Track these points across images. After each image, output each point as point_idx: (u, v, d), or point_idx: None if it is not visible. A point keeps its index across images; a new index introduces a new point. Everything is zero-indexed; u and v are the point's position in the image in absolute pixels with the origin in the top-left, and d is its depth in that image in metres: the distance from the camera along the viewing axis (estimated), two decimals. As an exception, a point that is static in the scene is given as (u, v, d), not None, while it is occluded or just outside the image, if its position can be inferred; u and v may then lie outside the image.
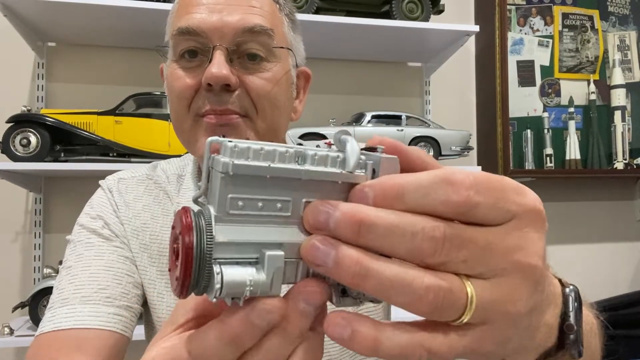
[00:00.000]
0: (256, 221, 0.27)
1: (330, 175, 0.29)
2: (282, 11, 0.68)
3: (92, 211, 0.71)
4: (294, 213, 0.28)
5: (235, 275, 0.26)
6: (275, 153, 0.28)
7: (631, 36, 2.15)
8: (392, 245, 0.25)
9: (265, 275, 0.26)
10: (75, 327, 0.61)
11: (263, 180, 0.27)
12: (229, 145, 0.27)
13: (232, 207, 0.27)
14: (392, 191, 0.26)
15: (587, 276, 2.07)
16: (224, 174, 0.26)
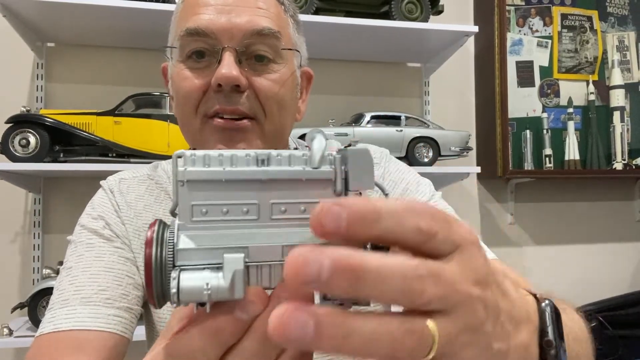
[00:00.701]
0: (223, 226, 0.27)
1: (292, 173, 0.28)
2: (287, 12, 0.68)
3: (93, 212, 0.71)
4: (262, 216, 0.28)
5: (192, 280, 0.26)
6: (235, 158, 0.28)
7: (630, 37, 2.16)
8: (384, 292, 0.23)
9: (225, 279, 0.26)
10: (75, 329, 0.61)
11: (221, 185, 0.27)
12: (187, 154, 0.28)
13: (196, 214, 0.27)
14: (369, 215, 0.24)
15: (587, 276, 2.07)
16: (182, 182, 0.27)
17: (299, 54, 0.69)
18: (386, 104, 1.91)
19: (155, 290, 0.26)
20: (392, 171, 0.74)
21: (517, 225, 2.04)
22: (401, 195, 0.71)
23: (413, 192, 0.71)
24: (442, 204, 0.71)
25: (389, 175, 0.73)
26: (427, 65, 1.94)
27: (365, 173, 0.29)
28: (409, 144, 1.63)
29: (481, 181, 2.02)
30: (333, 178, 0.29)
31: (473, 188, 2.01)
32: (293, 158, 0.29)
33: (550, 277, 2.05)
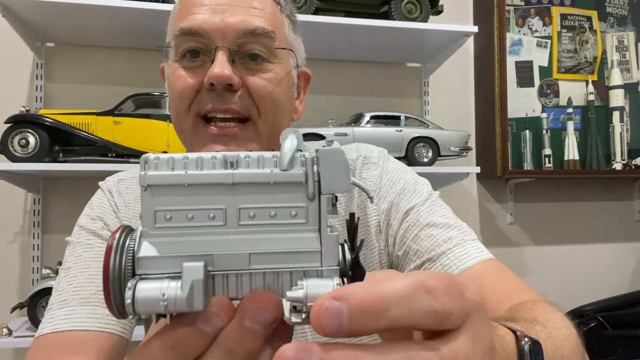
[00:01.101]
0: (188, 233, 0.26)
1: (259, 176, 0.27)
2: (282, 12, 0.68)
3: (92, 212, 0.71)
4: (229, 222, 0.26)
5: (148, 290, 0.24)
6: (200, 160, 0.26)
7: (629, 37, 2.16)
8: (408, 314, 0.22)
9: (182, 288, 0.24)
10: (74, 329, 0.61)
11: (184, 189, 0.26)
12: (150, 157, 0.26)
13: (159, 221, 0.26)
14: (375, 306, 0.22)
15: (586, 276, 2.07)
16: (144, 187, 0.26)
17: (294, 54, 0.69)
18: (386, 104, 1.91)
19: (113, 301, 0.25)
20: (390, 171, 0.74)
21: (516, 225, 2.04)
22: (398, 195, 0.71)
23: (411, 191, 0.71)
24: (439, 203, 0.71)
25: (387, 174, 0.73)
26: (427, 66, 1.94)
27: (339, 174, 0.27)
28: (409, 144, 1.63)
29: (481, 181, 2.02)
30: (304, 180, 0.27)
31: (472, 188, 2.01)
32: (262, 160, 0.27)
33: (550, 277, 2.05)
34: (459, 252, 0.63)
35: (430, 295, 0.23)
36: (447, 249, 0.64)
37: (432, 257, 0.64)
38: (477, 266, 0.62)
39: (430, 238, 0.65)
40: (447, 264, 0.63)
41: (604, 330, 1.76)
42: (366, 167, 0.74)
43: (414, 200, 0.70)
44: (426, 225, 0.67)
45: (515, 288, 0.59)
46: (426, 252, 0.65)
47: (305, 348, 0.21)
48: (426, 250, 0.65)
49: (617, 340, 1.76)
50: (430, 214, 0.68)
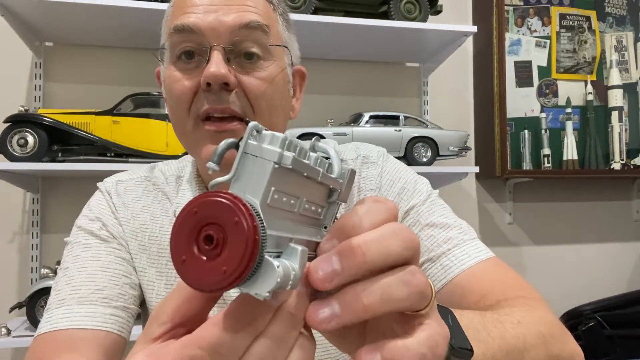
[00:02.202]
0: (280, 215, 0.27)
1: (330, 180, 0.31)
2: (276, 11, 0.68)
3: (90, 213, 0.72)
4: (297, 209, 0.29)
5: (285, 269, 0.25)
6: (306, 151, 0.29)
7: (628, 37, 2.16)
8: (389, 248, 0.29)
9: (299, 270, 0.26)
10: (72, 328, 0.61)
11: (299, 177, 0.27)
12: (279, 135, 0.26)
13: (271, 199, 0.26)
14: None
15: (584, 276, 2.08)
16: (277, 165, 0.25)
17: (289, 51, 0.69)
18: (385, 103, 1.91)
19: (250, 272, 0.24)
20: (389, 170, 0.74)
21: (515, 225, 2.05)
22: (398, 195, 0.71)
23: (410, 191, 0.71)
24: (439, 202, 0.71)
25: (387, 174, 0.73)
26: (426, 65, 1.94)
27: (350, 190, 0.34)
28: (408, 144, 1.63)
29: (480, 181, 2.02)
30: (339, 189, 0.32)
31: (471, 188, 2.02)
32: (325, 163, 0.31)
33: (548, 276, 2.05)
34: (459, 253, 0.64)
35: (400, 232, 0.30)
36: (447, 250, 0.64)
37: (432, 257, 0.65)
38: (477, 266, 0.62)
39: (431, 238, 0.66)
40: (447, 265, 0.63)
41: (603, 329, 1.77)
42: (366, 166, 0.74)
43: (414, 200, 0.70)
44: (426, 225, 0.67)
45: (510, 286, 0.59)
46: (426, 252, 0.65)
47: None
48: (426, 251, 0.65)
49: (616, 339, 1.76)
50: (430, 214, 0.68)
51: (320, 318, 0.27)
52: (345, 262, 0.27)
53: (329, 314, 0.27)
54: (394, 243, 0.29)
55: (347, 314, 0.27)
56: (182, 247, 0.25)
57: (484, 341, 0.40)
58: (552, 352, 0.47)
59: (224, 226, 0.24)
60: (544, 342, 0.47)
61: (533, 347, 0.45)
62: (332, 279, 0.27)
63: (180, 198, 0.72)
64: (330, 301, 0.28)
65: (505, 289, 0.58)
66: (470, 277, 0.61)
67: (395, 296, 0.28)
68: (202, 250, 0.24)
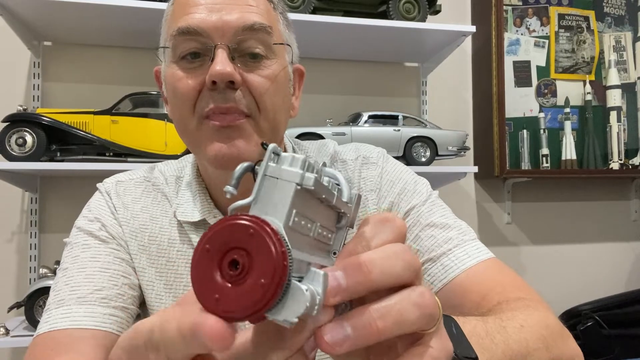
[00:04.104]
0: (299, 239, 0.26)
1: (343, 205, 0.31)
2: (276, 10, 0.68)
3: (90, 214, 0.71)
4: (313, 234, 0.28)
5: (312, 293, 0.24)
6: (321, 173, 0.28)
7: (627, 37, 2.16)
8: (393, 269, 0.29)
9: (322, 294, 0.25)
10: (71, 328, 0.61)
11: (316, 201, 0.27)
12: (299, 157, 0.26)
13: (293, 222, 0.25)
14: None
15: (583, 276, 2.08)
16: (299, 187, 0.25)
17: (290, 49, 0.69)
18: (384, 103, 1.91)
19: (279, 299, 0.23)
20: (389, 171, 0.74)
21: (514, 224, 2.05)
22: (398, 196, 0.71)
23: (411, 191, 0.71)
24: (439, 203, 0.72)
25: (387, 174, 0.74)
26: (425, 65, 1.94)
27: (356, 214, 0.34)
28: (407, 144, 1.63)
29: (478, 181, 2.02)
30: (349, 214, 0.32)
31: (470, 188, 2.02)
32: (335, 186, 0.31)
33: (547, 276, 2.05)
34: (459, 253, 0.64)
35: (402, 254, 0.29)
36: (447, 250, 0.64)
37: (432, 257, 0.65)
38: (476, 266, 0.63)
39: (431, 238, 0.66)
40: (448, 265, 0.63)
41: (601, 329, 1.77)
42: (366, 167, 0.74)
43: (414, 200, 0.70)
44: (426, 225, 0.67)
45: (510, 287, 0.60)
46: (426, 252, 0.65)
47: None
48: (426, 251, 0.65)
49: (614, 339, 1.76)
50: (430, 214, 0.68)
51: (332, 341, 0.26)
52: (350, 278, 0.27)
53: (341, 336, 0.26)
54: (398, 264, 0.29)
55: (360, 337, 0.27)
56: (206, 273, 0.24)
57: (488, 348, 0.40)
58: (554, 354, 0.48)
59: (250, 251, 0.23)
60: (546, 345, 0.47)
61: (535, 351, 0.45)
62: (336, 294, 0.27)
63: (180, 199, 0.72)
64: (342, 323, 0.27)
65: (505, 290, 0.58)
66: (471, 277, 0.62)
67: (407, 319, 0.28)
68: (225, 276, 0.23)
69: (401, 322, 0.28)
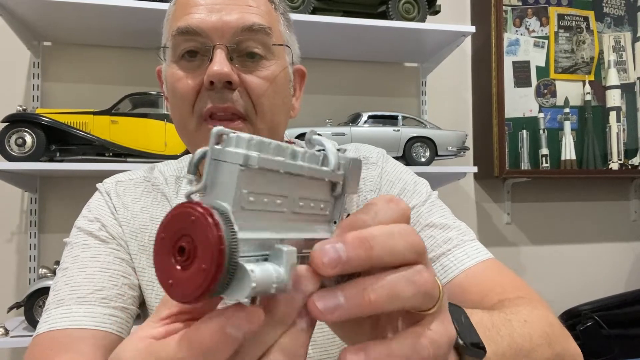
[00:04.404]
0: (262, 217, 0.27)
1: (324, 173, 0.30)
2: (277, 10, 0.69)
3: (90, 214, 0.71)
4: (288, 209, 0.28)
5: (264, 272, 0.24)
6: (283, 148, 0.28)
7: (626, 37, 2.16)
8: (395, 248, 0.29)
9: (284, 272, 0.25)
10: (71, 328, 0.61)
11: (276, 176, 0.27)
12: (244, 137, 0.26)
13: (246, 202, 0.25)
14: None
15: (583, 276, 2.08)
16: (243, 167, 0.25)
17: (290, 50, 0.69)
18: (383, 103, 1.91)
19: (222, 281, 0.23)
20: (389, 171, 0.74)
21: (513, 225, 2.05)
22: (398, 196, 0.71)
23: (410, 192, 0.71)
24: (438, 204, 0.72)
25: (387, 175, 0.74)
26: (424, 65, 1.94)
27: (357, 180, 0.33)
28: (406, 144, 1.63)
29: (478, 181, 2.02)
30: (341, 182, 0.31)
31: (470, 188, 2.02)
32: (316, 157, 0.30)
33: (546, 276, 2.05)
34: (459, 253, 0.64)
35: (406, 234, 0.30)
36: (446, 250, 0.64)
37: (432, 257, 0.65)
38: (476, 267, 0.63)
39: (430, 239, 0.66)
40: (447, 265, 0.63)
41: (601, 329, 1.77)
42: (365, 167, 0.74)
43: (414, 200, 0.70)
44: (426, 225, 0.67)
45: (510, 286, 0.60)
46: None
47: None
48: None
49: (613, 339, 1.77)
50: (430, 214, 0.68)
51: (323, 308, 0.27)
52: (351, 251, 0.27)
53: (332, 304, 0.27)
54: (400, 243, 0.29)
55: (352, 307, 0.27)
56: (162, 259, 0.25)
57: (494, 340, 0.40)
58: (556, 351, 0.48)
59: (193, 237, 0.24)
60: (549, 342, 0.48)
61: (539, 347, 0.46)
62: (335, 266, 0.27)
63: (181, 198, 0.72)
64: (335, 291, 0.27)
65: (505, 290, 0.58)
66: (470, 277, 0.62)
67: (401, 294, 0.28)
68: (177, 262, 0.25)
69: (394, 297, 0.28)
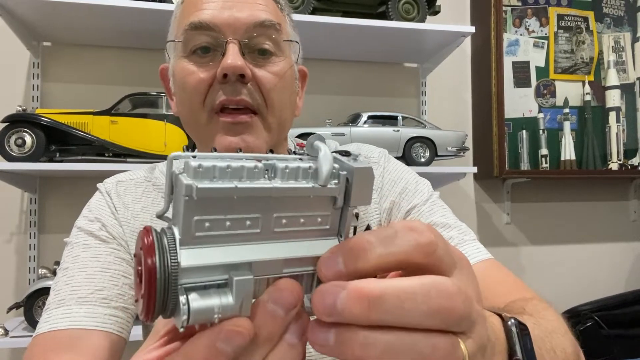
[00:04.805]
0: (224, 241, 0.26)
1: (301, 190, 0.27)
2: (283, 11, 0.70)
3: (90, 214, 0.72)
4: (264, 229, 0.27)
5: (203, 303, 0.24)
6: (243, 170, 0.26)
7: (626, 37, 2.17)
8: (407, 313, 0.24)
9: (234, 300, 0.25)
10: (71, 328, 0.61)
11: (230, 201, 0.26)
12: (192, 164, 0.25)
13: (198, 229, 0.25)
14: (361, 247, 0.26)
15: (582, 276, 2.08)
16: (187, 197, 0.24)
17: (298, 46, 0.71)
18: (383, 104, 1.91)
19: (159, 306, 0.24)
20: (391, 170, 0.75)
21: (513, 225, 2.05)
22: (399, 195, 0.71)
23: (412, 191, 0.72)
24: (440, 204, 0.72)
25: (389, 174, 0.74)
26: (424, 66, 1.94)
27: (366, 191, 0.29)
28: (406, 144, 1.63)
29: (478, 181, 2.02)
30: (337, 195, 0.29)
31: (469, 188, 2.02)
32: (300, 171, 0.27)
33: (546, 276, 2.05)
34: None
35: (414, 232, 0.26)
36: None
37: None
38: (476, 266, 0.63)
39: None
40: None
41: (600, 329, 1.77)
42: None
43: (415, 200, 0.70)
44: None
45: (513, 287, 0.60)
46: None
47: None
48: None
49: (613, 339, 1.77)
50: (430, 214, 0.69)
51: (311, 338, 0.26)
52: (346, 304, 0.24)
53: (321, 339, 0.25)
54: (420, 308, 0.24)
55: (337, 350, 0.25)
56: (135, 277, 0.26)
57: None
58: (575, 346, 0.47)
59: (142, 262, 0.25)
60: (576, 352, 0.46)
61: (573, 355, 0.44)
62: (330, 315, 0.25)
63: None
64: (328, 329, 0.25)
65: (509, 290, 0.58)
66: None
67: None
68: (137, 284, 0.26)
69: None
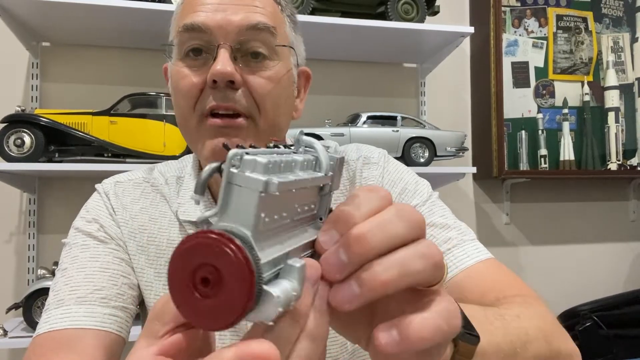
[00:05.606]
0: (274, 234, 0.27)
1: (320, 180, 0.31)
2: (283, 12, 0.69)
3: (88, 215, 0.71)
4: (290, 216, 0.29)
5: (285, 293, 0.25)
6: (289, 163, 0.28)
7: (625, 38, 2.17)
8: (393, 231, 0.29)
9: (299, 287, 0.26)
10: (71, 328, 0.61)
11: (286, 194, 0.27)
12: (261, 161, 0.25)
13: (262, 225, 0.25)
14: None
15: (581, 276, 2.08)
16: (263, 193, 0.24)
17: (295, 52, 0.70)
18: (382, 104, 1.91)
19: (252, 304, 0.24)
20: (391, 171, 0.75)
21: (512, 225, 2.05)
22: (399, 196, 0.72)
23: (411, 192, 0.72)
24: (439, 204, 0.72)
25: (388, 175, 0.74)
26: (423, 66, 1.95)
27: (340, 177, 0.34)
28: (405, 144, 1.63)
29: (477, 181, 2.02)
30: (330, 182, 0.32)
31: (469, 188, 2.02)
32: (311, 163, 0.31)
33: (545, 277, 2.05)
34: (459, 253, 0.64)
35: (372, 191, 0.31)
36: (446, 250, 0.64)
37: None
38: (476, 266, 0.63)
39: (431, 238, 0.66)
40: (447, 264, 0.63)
41: (600, 329, 1.77)
42: (367, 167, 0.74)
43: (415, 200, 0.70)
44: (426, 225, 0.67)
45: (512, 286, 0.60)
46: None
47: None
48: None
49: (612, 339, 1.77)
50: (430, 214, 0.69)
51: (340, 300, 0.28)
52: (351, 253, 0.28)
53: (349, 295, 0.28)
54: (398, 225, 0.29)
55: (366, 292, 0.28)
56: (181, 290, 0.25)
57: (488, 331, 0.41)
58: (553, 347, 0.48)
59: (218, 267, 0.23)
60: (545, 337, 0.48)
61: (535, 340, 0.46)
62: (342, 272, 0.29)
63: (182, 198, 0.72)
64: (349, 282, 0.28)
65: (504, 289, 0.58)
66: (470, 276, 0.62)
67: (413, 269, 0.29)
68: (200, 292, 0.24)
69: (406, 273, 0.29)
